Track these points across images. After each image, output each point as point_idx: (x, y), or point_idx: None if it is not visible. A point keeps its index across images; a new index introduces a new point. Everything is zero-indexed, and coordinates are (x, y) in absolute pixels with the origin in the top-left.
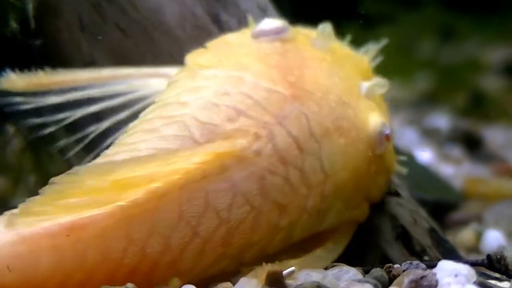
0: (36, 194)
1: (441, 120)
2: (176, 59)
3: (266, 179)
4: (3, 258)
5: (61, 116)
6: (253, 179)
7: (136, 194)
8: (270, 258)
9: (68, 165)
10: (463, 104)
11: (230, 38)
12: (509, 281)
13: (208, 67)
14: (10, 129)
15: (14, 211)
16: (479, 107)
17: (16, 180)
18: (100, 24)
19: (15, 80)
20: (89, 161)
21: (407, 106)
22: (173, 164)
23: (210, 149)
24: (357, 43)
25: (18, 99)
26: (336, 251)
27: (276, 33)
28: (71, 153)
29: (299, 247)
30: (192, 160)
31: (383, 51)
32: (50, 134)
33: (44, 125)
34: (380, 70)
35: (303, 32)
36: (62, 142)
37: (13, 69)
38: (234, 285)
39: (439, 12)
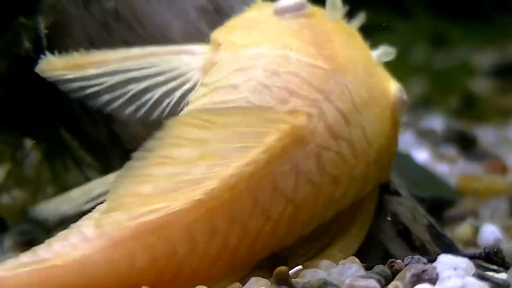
0: None
1: (436, 122)
2: None
3: (322, 156)
4: (100, 264)
5: (102, 80)
6: (311, 157)
7: (210, 185)
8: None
9: (84, 176)
10: (456, 106)
11: (252, 15)
12: (506, 272)
13: (247, 45)
14: (28, 143)
15: (99, 208)
16: (471, 108)
17: (34, 191)
18: (108, 40)
19: (54, 61)
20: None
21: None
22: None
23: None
24: None
25: (60, 72)
26: (366, 225)
27: (298, 9)
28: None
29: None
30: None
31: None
32: (67, 146)
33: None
34: None
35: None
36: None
37: (27, 88)
38: (243, 285)
39: (431, 20)
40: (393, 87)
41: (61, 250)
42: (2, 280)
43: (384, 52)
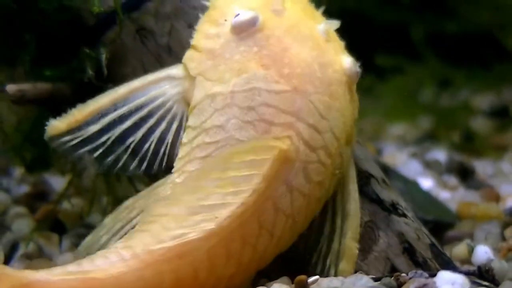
0: (108, 212)
1: (440, 154)
2: None
3: (308, 168)
4: (133, 282)
5: (103, 139)
6: (300, 173)
7: (223, 215)
8: None
9: (134, 188)
10: (457, 141)
11: (213, 31)
12: None
13: (218, 81)
14: (87, 158)
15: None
16: (471, 143)
17: (91, 200)
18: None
19: (57, 125)
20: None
21: (412, 142)
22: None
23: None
24: (372, 90)
25: (66, 138)
26: (357, 202)
27: (253, 24)
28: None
29: None
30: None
31: (393, 97)
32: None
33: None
34: (391, 113)
35: None
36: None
37: None
38: None
39: (438, 65)
40: (345, 61)
41: (102, 265)
42: (51, 283)
43: (330, 24)
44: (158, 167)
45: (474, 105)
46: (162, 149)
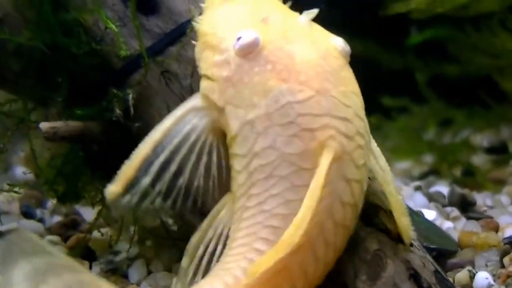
0: (135, 241)
1: (443, 188)
2: None
3: (353, 157)
4: None
5: (158, 188)
6: (350, 164)
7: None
8: None
9: (160, 220)
10: (459, 175)
11: (218, 58)
12: None
13: (249, 108)
14: None
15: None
16: (471, 178)
17: (119, 229)
18: None
19: (113, 189)
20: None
21: (417, 177)
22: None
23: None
24: (380, 129)
25: (126, 199)
26: None
27: (256, 44)
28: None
29: None
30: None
31: (400, 136)
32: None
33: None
34: (398, 150)
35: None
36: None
37: (117, 147)
38: None
39: (441, 106)
40: (337, 44)
41: None
42: None
43: (309, 14)
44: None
45: (474, 143)
46: (211, 182)
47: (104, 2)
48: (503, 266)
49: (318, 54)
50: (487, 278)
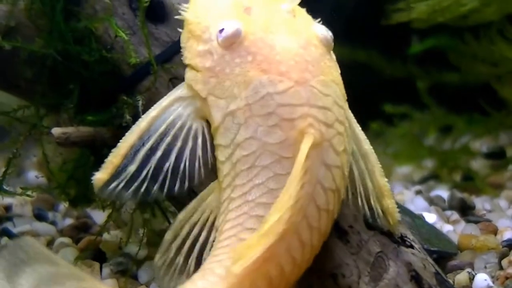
0: (144, 243)
1: (443, 192)
2: None
3: (333, 143)
4: None
5: (144, 174)
6: (330, 150)
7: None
8: None
9: (168, 222)
10: (459, 180)
11: (202, 47)
12: None
13: (228, 98)
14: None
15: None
16: (471, 182)
17: (129, 232)
18: None
19: (100, 176)
20: None
21: (418, 182)
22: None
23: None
24: (382, 135)
25: (112, 185)
26: None
27: (239, 34)
28: None
29: None
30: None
31: (401, 141)
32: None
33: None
34: (399, 156)
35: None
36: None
37: None
38: None
39: (441, 113)
40: (319, 32)
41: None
42: None
43: (293, 1)
44: (197, 182)
45: (473, 148)
46: (196, 164)
47: (114, 11)
48: (501, 268)
49: (298, 44)
50: (486, 280)
